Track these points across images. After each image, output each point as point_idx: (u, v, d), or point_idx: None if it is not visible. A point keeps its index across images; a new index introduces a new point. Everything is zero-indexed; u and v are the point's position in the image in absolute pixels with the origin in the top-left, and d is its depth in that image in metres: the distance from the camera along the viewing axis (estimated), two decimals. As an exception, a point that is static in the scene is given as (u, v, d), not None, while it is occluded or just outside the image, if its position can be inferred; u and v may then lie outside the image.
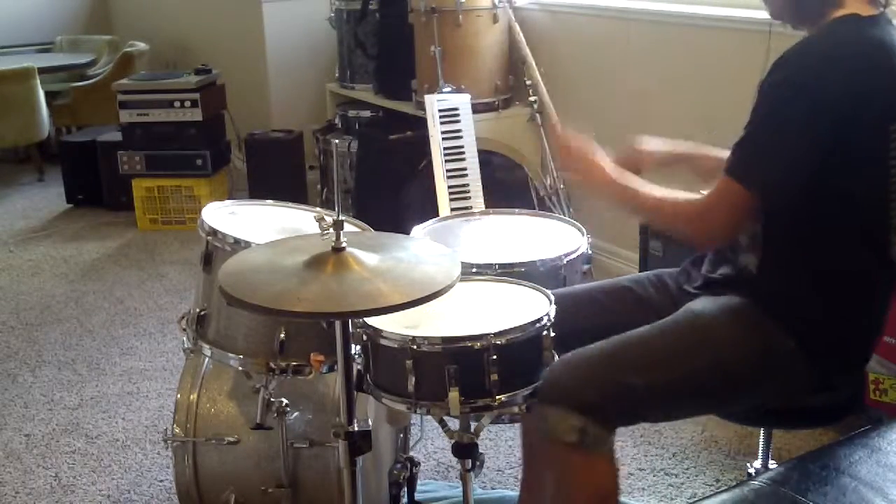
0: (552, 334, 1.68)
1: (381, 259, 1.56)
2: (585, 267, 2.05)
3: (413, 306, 1.45)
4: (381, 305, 1.45)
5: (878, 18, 1.62)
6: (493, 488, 2.52)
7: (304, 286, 1.48)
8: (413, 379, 1.63)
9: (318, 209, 2.21)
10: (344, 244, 1.54)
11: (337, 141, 4.47)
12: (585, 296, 1.92)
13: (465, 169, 3.14)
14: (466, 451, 1.71)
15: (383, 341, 1.68)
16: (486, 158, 3.50)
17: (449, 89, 3.68)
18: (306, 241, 1.62)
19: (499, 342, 1.63)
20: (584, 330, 1.82)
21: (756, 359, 1.64)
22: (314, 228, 1.58)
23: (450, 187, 3.09)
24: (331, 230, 1.53)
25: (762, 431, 2.00)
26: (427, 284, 1.50)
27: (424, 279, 1.52)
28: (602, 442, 1.60)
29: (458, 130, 3.22)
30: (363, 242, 1.60)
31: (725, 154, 1.67)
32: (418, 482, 2.36)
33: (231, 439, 2.10)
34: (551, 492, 1.72)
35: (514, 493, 2.35)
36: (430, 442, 2.72)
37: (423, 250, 1.68)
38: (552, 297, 1.76)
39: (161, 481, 2.58)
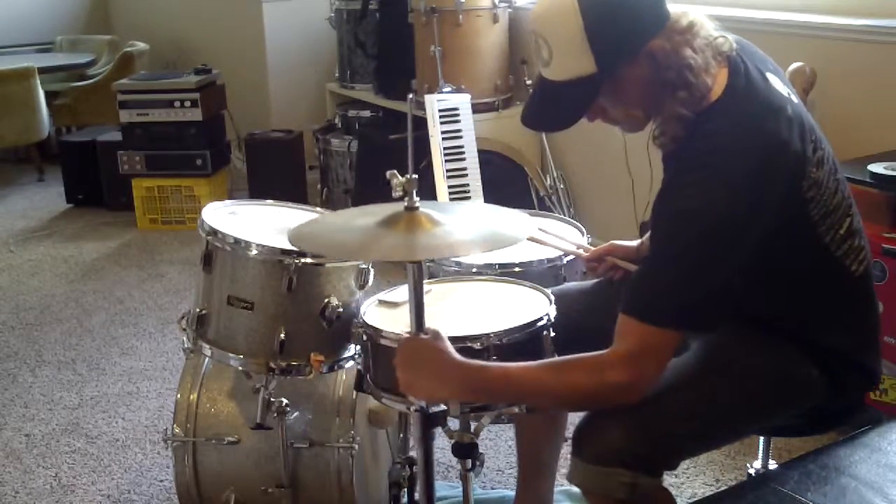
0: (552, 334, 1.68)
1: (452, 217, 1.56)
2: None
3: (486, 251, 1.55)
4: (457, 253, 1.55)
5: (736, 79, 1.53)
6: (493, 488, 2.52)
7: (380, 238, 1.52)
8: (413, 379, 1.63)
9: (318, 209, 2.21)
10: (417, 204, 1.53)
11: (337, 140, 4.48)
12: (585, 293, 1.92)
13: (465, 169, 3.14)
14: (466, 451, 1.71)
15: (383, 341, 1.68)
16: (486, 158, 3.50)
17: (449, 89, 3.68)
18: (378, 207, 1.62)
19: (499, 342, 1.63)
20: (585, 328, 1.82)
21: (783, 389, 1.62)
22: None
23: (450, 187, 3.08)
24: (403, 189, 1.53)
25: (762, 432, 2.00)
26: (499, 239, 1.55)
27: (495, 234, 1.56)
28: (652, 491, 1.55)
29: (458, 130, 3.22)
30: (432, 205, 1.60)
31: None
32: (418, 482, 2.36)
33: (231, 439, 2.10)
34: None
35: (513, 493, 2.35)
36: (430, 442, 2.71)
37: (492, 211, 1.71)
38: (552, 297, 1.76)
39: (161, 481, 2.58)
